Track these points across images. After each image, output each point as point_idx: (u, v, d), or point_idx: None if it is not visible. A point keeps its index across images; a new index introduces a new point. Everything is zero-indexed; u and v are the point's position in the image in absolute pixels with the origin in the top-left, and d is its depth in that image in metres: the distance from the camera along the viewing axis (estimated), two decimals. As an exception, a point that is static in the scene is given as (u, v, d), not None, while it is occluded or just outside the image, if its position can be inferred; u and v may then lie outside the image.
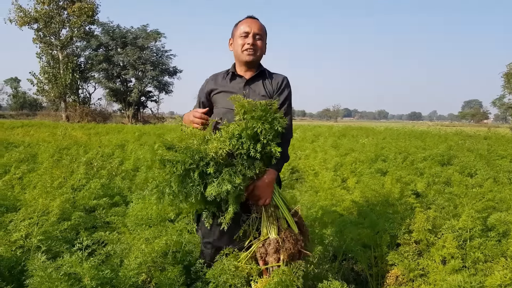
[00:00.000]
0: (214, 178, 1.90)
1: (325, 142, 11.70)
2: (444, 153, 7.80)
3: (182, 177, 1.90)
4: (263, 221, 2.20)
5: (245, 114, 1.97)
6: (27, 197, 3.62)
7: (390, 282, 3.08)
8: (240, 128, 1.95)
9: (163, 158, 1.91)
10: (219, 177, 1.90)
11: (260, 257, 2.13)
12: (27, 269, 2.09)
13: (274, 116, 1.98)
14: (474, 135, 16.38)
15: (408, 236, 3.30)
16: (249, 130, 1.92)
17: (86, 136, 14.30)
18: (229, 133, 1.95)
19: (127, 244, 2.67)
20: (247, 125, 1.93)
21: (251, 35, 2.41)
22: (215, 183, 1.88)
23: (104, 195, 4.16)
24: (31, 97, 78.56)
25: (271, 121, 1.94)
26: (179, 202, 1.96)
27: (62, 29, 38.43)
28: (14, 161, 5.86)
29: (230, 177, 1.88)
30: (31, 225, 2.61)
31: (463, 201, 3.68)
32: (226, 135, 1.94)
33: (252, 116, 1.93)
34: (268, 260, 2.09)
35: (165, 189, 1.94)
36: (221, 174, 1.91)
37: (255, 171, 2.02)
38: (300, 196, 4.62)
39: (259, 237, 2.21)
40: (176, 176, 1.87)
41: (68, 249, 2.51)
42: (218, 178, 1.89)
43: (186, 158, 1.85)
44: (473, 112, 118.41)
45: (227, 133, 1.95)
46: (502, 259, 2.57)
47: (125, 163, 6.28)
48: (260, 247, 2.12)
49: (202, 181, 1.93)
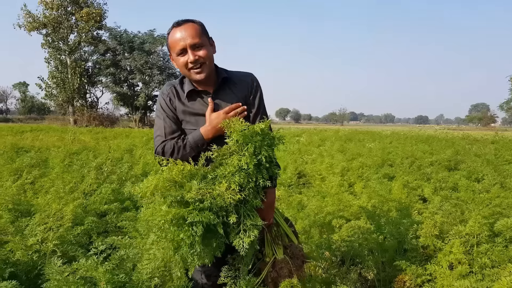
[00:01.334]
0: (234, 225, 1.70)
1: (332, 147, 11.73)
2: (451, 158, 7.81)
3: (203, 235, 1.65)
4: (267, 241, 2.08)
5: (246, 144, 1.72)
6: (40, 202, 3.70)
7: (398, 287, 3.11)
8: (246, 159, 1.69)
9: (182, 221, 1.61)
10: (240, 223, 1.71)
11: (271, 280, 2.02)
12: (43, 273, 2.15)
13: (271, 135, 1.76)
14: (481, 140, 16.32)
15: (415, 241, 3.34)
16: (255, 159, 1.69)
17: (94, 140, 14.45)
18: (234, 166, 1.69)
19: (139, 249, 2.73)
20: (251, 154, 1.70)
21: (189, 48, 1.95)
22: (241, 232, 1.70)
23: (114, 200, 4.24)
24: (39, 101, 79.37)
25: (270, 144, 1.74)
26: (203, 259, 1.73)
27: (70, 34, 38.88)
28: (26, 166, 5.97)
29: (251, 219, 1.71)
30: (46, 230, 2.68)
31: (470, 207, 3.70)
32: (231, 169, 1.70)
33: (254, 145, 1.70)
34: (280, 282, 1.98)
35: (188, 255, 1.70)
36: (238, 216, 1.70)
37: (261, 198, 1.81)
38: (308, 201, 4.67)
39: (263, 258, 2.08)
40: (198, 237, 1.60)
41: (83, 253, 2.57)
42: (240, 225, 1.71)
43: (210, 216, 1.59)
44: (480, 116, 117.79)
45: (231, 167, 1.70)
46: (509, 264, 2.60)
47: (134, 168, 6.37)
48: (271, 272, 2.01)
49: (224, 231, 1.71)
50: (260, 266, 2.07)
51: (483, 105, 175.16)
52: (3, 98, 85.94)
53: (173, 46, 1.98)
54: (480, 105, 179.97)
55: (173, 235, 1.61)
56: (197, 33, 1.96)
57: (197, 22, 2.01)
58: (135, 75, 43.32)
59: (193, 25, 1.97)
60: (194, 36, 1.94)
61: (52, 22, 37.49)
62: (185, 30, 1.95)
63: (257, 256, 2.09)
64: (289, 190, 5.93)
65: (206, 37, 2.02)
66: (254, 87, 2.14)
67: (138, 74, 43.12)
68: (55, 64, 38.87)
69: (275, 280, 1.99)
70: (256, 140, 1.69)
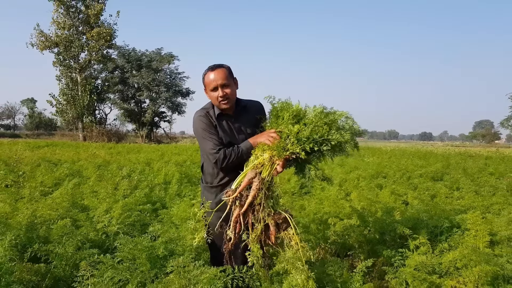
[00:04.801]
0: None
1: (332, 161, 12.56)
2: (438, 170, 8.65)
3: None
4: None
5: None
6: (90, 203, 4.58)
7: (378, 268, 3.94)
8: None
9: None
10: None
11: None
12: (111, 247, 3.02)
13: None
14: (476, 155, 17.14)
15: (393, 233, 4.18)
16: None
17: (109, 155, 15.34)
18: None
19: (177, 235, 3.60)
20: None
21: (219, 87, 2.66)
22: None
23: (147, 202, 5.11)
24: (46, 117, 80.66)
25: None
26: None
27: (81, 53, 40.14)
28: (65, 176, 6.88)
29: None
30: (109, 217, 3.57)
31: (440, 207, 4.55)
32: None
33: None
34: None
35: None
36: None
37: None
38: (308, 204, 5.51)
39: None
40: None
41: (139, 235, 3.44)
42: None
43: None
44: (483, 133, 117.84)
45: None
46: (460, 246, 3.43)
47: (156, 178, 7.26)
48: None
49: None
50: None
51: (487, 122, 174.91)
52: (12, 114, 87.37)
53: (208, 84, 2.72)
54: (484, 122, 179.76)
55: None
56: (226, 76, 2.69)
57: (226, 67, 2.75)
58: (142, 92, 44.38)
59: (223, 70, 2.71)
60: (224, 78, 2.67)
61: (63, 41, 38.76)
62: (217, 73, 2.68)
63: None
64: (293, 197, 6.77)
65: (232, 78, 2.76)
66: (264, 110, 2.92)
67: (146, 91, 44.18)
68: (66, 82, 40.04)
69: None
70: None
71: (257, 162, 2.57)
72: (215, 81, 2.67)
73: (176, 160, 11.46)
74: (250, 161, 2.65)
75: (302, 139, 2.51)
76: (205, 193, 2.93)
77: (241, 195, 2.47)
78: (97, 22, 40.27)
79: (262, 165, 2.55)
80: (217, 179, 2.86)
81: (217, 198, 2.78)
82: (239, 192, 2.45)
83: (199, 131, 2.79)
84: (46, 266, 2.74)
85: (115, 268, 2.34)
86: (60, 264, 2.76)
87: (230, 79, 2.74)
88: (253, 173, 2.49)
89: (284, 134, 2.58)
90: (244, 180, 2.48)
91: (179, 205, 4.59)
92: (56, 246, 2.81)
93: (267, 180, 2.50)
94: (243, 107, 2.86)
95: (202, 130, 2.77)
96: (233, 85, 2.77)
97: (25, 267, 2.57)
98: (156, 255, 2.91)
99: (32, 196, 4.94)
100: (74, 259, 2.78)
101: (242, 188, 2.46)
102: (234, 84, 2.79)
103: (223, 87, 2.68)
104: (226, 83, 2.69)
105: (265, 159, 2.55)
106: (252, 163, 2.60)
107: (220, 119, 2.80)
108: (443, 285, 2.88)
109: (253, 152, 2.64)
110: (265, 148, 2.59)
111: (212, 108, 2.84)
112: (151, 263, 2.78)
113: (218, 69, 2.72)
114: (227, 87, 2.69)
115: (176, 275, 2.24)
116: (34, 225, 3.34)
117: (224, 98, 2.69)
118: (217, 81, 2.67)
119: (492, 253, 3.26)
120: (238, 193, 2.45)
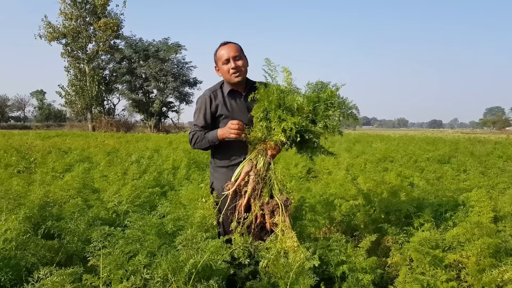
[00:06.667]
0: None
1: (340, 147, 12.60)
2: (445, 154, 8.65)
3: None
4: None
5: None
6: (101, 184, 4.69)
7: (384, 246, 4.00)
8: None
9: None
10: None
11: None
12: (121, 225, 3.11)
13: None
14: (484, 140, 17.04)
15: (398, 213, 4.23)
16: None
17: (118, 144, 15.51)
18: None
19: (185, 213, 3.68)
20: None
21: (231, 59, 2.73)
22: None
23: (156, 185, 5.21)
24: (56, 108, 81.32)
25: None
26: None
27: (89, 44, 40.39)
28: (75, 162, 7.01)
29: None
30: (119, 197, 3.66)
31: (445, 187, 4.59)
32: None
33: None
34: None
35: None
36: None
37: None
38: (314, 186, 5.57)
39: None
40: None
41: (148, 214, 3.53)
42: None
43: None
44: (494, 119, 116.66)
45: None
46: (463, 223, 3.48)
47: (164, 164, 7.37)
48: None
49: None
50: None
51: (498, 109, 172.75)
52: (22, 106, 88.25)
53: (220, 57, 2.79)
54: (495, 109, 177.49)
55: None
56: (237, 49, 2.79)
57: (237, 44, 2.85)
58: (150, 82, 44.61)
59: (234, 45, 2.81)
60: (235, 51, 2.77)
61: (71, 32, 39.05)
62: (229, 47, 2.78)
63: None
64: (300, 181, 6.83)
65: (243, 53, 2.84)
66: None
67: (153, 81, 44.39)
68: (74, 73, 40.43)
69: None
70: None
71: (252, 155, 2.68)
72: (227, 53, 2.76)
73: (184, 147, 11.55)
74: (249, 150, 2.75)
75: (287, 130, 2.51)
76: (214, 173, 3.01)
77: (240, 187, 2.63)
78: (104, 12, 40.41)
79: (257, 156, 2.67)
80: (225, 160, 2.94)
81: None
82: (237, 185, 2.61)
83: (195, 110, 2.97)
84: (59, 242, 2.84)
85: (125, 239, 2.43)
86: (72, 240, 2.86)
87: (242, 54, 2.83)
88: (249, 166, 2.63)
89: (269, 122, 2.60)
90: (241, 175, 2.62)
91: (187, 187, 4.68)
92: (69, 222, 2.91)
93: (263, 170, 2.62)
94: (254, 87, 2.87)
95: (196, 110, 2.94)
96: (245, 59, 2.84)
97: (39, 241, 2.67)
98: (165, 231, 3.00)
99: (43, 180, 5.07)
100: (86, 235, 2.88)
101: (239, 182, 2.61)
102: (245, 59, 2.86)
103: (235, 59, 2.76)
104: (238, 55, 2.78)
105: (258, 151, 2.66)
106: (249, 154, 2.72)
107: (230, 96, 2.88)
108: (446, 259, 2.93)
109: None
110: (255, 142, 2.68)
111: (221, 88, 2.92)
112: (160, 238, 2.87)
113: (230, 43, 2.82)
114: (238, 59, 2.77)
115: (184, 247, 2.33)
116: (47, 204, 3.46)
117: (236, 70, 2.76)
118: (229, 53, 2.75)
119: (495, 228, 3.29)
120: (237, 186, 2.61)
